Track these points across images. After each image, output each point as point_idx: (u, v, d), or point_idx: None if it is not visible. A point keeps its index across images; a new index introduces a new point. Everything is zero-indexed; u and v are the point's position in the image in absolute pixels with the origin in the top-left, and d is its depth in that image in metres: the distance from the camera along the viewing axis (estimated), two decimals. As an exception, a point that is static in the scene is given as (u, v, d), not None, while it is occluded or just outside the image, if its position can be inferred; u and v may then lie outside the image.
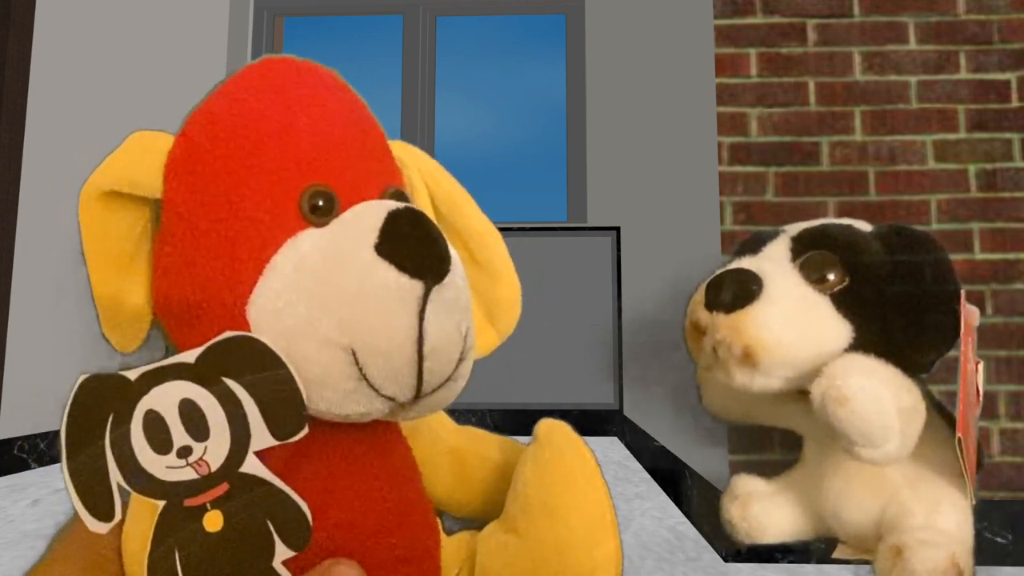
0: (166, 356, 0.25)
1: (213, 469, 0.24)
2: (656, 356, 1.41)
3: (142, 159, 0.29)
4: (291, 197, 0.28)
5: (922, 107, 1.39)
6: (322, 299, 0.25)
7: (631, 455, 1.23)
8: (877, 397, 0.58)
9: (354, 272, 0.26)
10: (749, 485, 0.79)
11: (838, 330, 0.68)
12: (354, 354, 0.25)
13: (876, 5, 1.42)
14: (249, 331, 0.26)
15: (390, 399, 0.26)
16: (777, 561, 0.72)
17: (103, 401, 0.23)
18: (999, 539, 0.70)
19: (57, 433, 0.23)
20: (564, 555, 0.29)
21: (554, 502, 0.29)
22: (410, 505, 0.31)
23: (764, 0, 1.44)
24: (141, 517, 0.24)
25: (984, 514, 0.76)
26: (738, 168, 1.40)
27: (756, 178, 1.40)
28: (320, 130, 0.30)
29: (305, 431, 0.25)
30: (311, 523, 0.24)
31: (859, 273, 0.69)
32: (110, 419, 0.23)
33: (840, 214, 1.26)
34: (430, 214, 0.34)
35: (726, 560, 0.70)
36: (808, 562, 0.71)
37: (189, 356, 0.24)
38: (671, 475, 1.13)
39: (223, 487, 0.24)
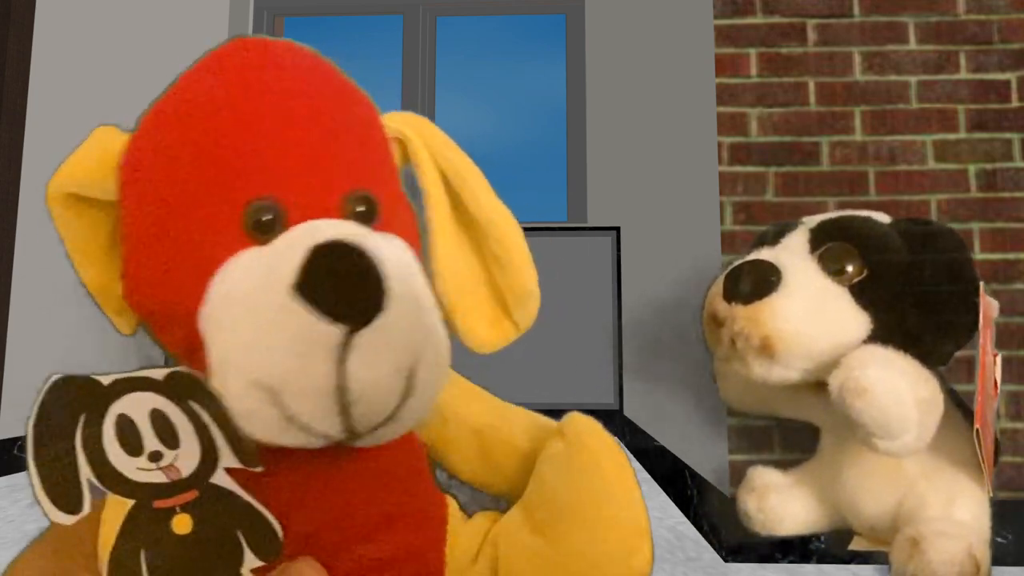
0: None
1: (184, 475, 0.24)
2: (656, 356, 1.41)
3: (96, 158, 0.27)
4: (234, 210, 0.26)
5: (922, 107, 1.39)
6: (242, 336, 0.24)
7: (631, 455, 1.23)
8: (895, 388, 0.58)
9: (271, 312, 0.24)
10: (766, 477, 0.79)
11: (856, 321, 0.67)
12: (277, 395, 0.24)
13: (876, 5, 1.42)
14: (203, 345, 0.25)
15: (323, 435, 0.25)
16: (777, 561, 0.72)
17: (75, 401, 0.23)
18: (999, 539, 0.70)
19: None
20: (600, 567, 0.27)
21: (588, 510, 0.28)
22: (402, 505, 0.29)
23: (764, 0, 1.43)
24: (117, 512, 0.24)
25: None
26: (738, 168, 1.40)
27: (756, 178, 1.40)
28: (275, 133, 0.27)
29: (259, 468, 0.24)
30: (281, 535, 0.24)
31: (878, 265, 0.69)
32: (81, 419, 0.23)
33: (840, 214, 1.25)
34: (438, 196, 0.32)
35: (726, 560, 0.70)
36: (808, 562, 0.71)
37: (158, 374, 0.24)
38: (671, 475, 1.13)
39: (192, 493, 0.24)
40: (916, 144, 1.38)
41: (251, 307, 0.24)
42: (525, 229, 0.35)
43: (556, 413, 0.33)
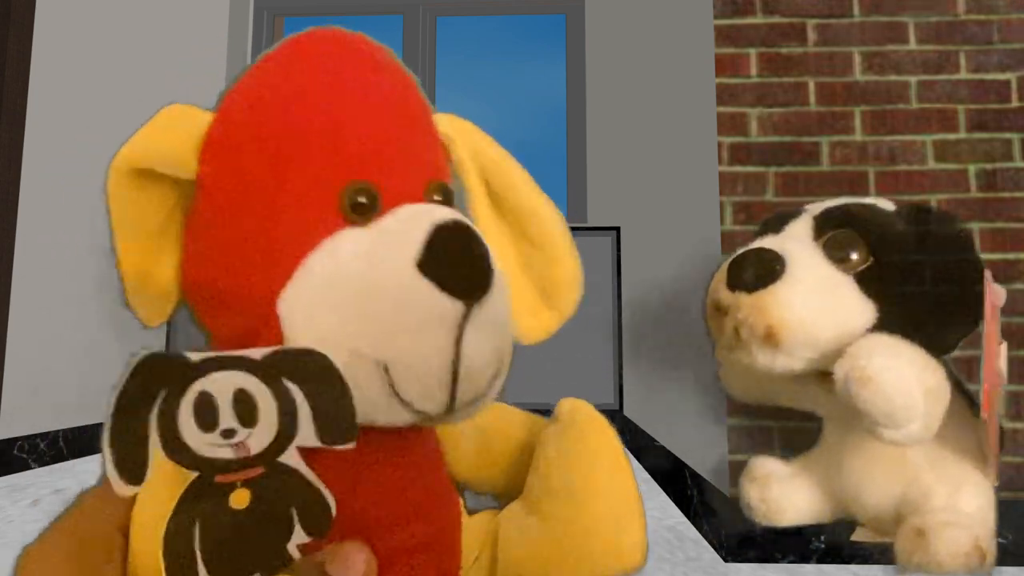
0: (197, 333, 0.25)
1: (252, 453, 0.24)
2: (656, 356, 1.42)
3: (176, 136, 0.27)
4: (333, 193, 0.27)
5: (922, 107, 1.39)
6: (358, 311, 0.25)
7: (631, 455, 1.23)
8: (901, 377, 0.57)
9: (394, 287, 0.25)
10: (768, 467, 0.78)
11: (861, 310, 0.66)
12: (386, 369, 0.25)
13: (876, 5, 1.42)
14: (279, 325, 0.25)
15: (420, 412, 0.26)
16: (777, 561, 0.72)
17: (160, 377, 0.24)
18: (999, 539, 0.70)
19: (58, 433, 0.23)
20: (589, 540, 0.28)
21: (579, 486, 0.29)
22: (431, 493, 0.30)
23: (764, 0, 1.43)
24: (157, 493, 0.24)
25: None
26: (738, 168, 1.40)
27: (756, 178, 1.40)
28: (368, 120, 0.28)
29: (352, 445, 0.24)
30: (334, 514, 0.25)
31: (883, 253, 0.68)
32: (162, 394, 0.23)
33: (840, 214, 1.25)
34: (479, 193, 0.33)
35: (726, 560, 0.70)
36: (808, 562, 0.71)
37: (256, 353, 0.24)
38: (671, 475, 1.13)
39: (257, 470, 0.24)
40: (916, 144, 1.38)
41: (367, 282, 0.25)
42: None
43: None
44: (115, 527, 0.26)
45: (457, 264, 0.25)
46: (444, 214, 0.26)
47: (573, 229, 0.35)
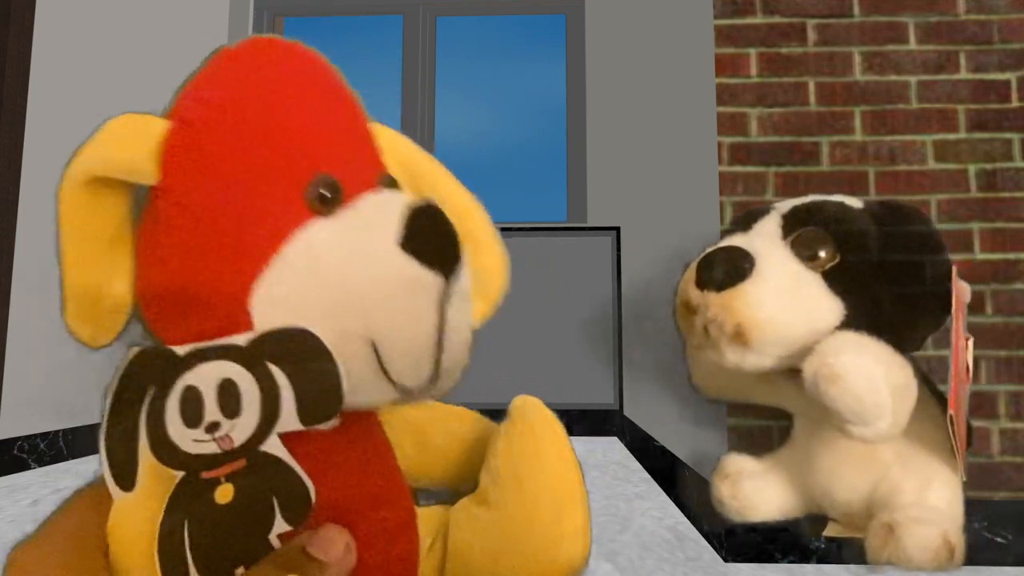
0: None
1: (236, 445, 0.24)
2: (657, 356, 1.41)
3: (134, 143, 0.27)
4: (298, 186, 0.28)
5: (922, 107, 1.39)
6: (343, 292, 0.26)
7: (631, 455, 1.23)
8: (869, 375, 0.58)
9: (379, 266, 0.26)
10: (739, 464, 0.79)
11: (830, 307, 0.67)
12: (375, 347, 0.25)
13: (876, 5, 1.42)
14: (250, 322, 0.26)
15: (403, 388, 0.27)
16: (777, 561, 0.72)
17: (148, 374, 0.24)
18: (999, 539, 0.70)
19: (58, 433, 0.24)
20: (532, 526, 0.29)
21: (523, 474, 0.30)
22: (391, 480, 0.31)
23: (764, 0, 1.43)
24: (137, 499, 0.24)
25: (984, 514, 0.75)
26: (738, 168, 1.40)
27: (756, 178, 1.40)
28: (320, 117, 0.29)
29: (335, 422, 0.25)
30: (313, 501, 0.25)
31: (850, 250, 0.68)
32: (151, 391, 0.24)
33: (840, 214, 1.25)
34: (405, 186, 0.35)
35: (726, 560, 0.70)
36: (808, 562, 0.71)
37: (240, 339, 0.25)
38: (671, 475, 1.13)
39: (240, 462, 0.24)
40: (916, 144, 1.38)
41: (350, 264, 0.26)
42: (525, 229, 0.36)
43: (557, 413, 0.34)
44: (104, 531, 0.25)
45: (435, 240, 0.27)
46: (413, 198, 0.28)
47: (573, 229, 0.36)
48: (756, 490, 0.76)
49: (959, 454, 0.62)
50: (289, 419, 0.25)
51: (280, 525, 0.25)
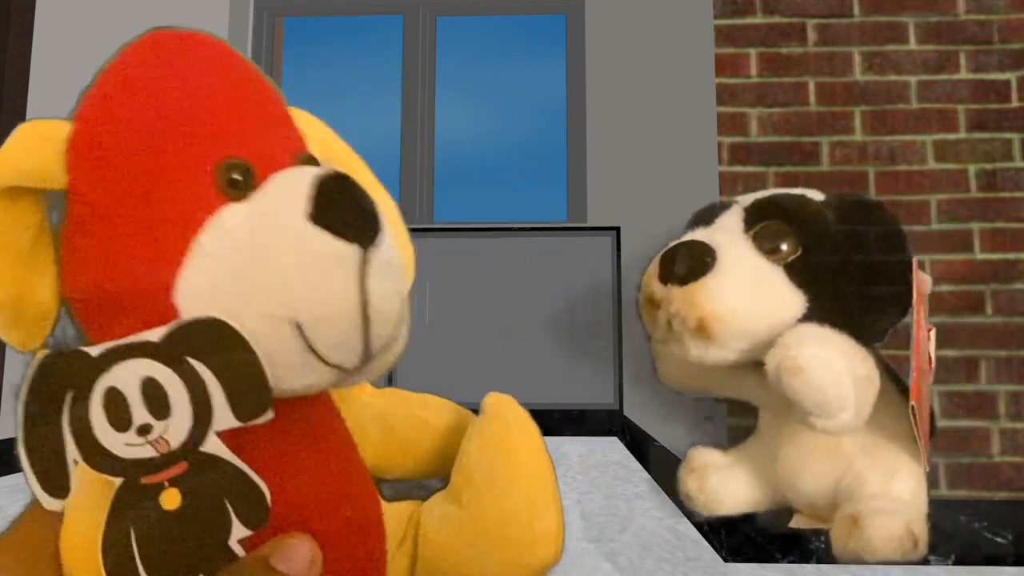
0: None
1: (173, 447, 0.23)
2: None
3: (39, 148, 0.27)
4: (206, 172, 0.27)
5: (922, 107, 1.39)
6: (259, 275, 0.25)
7: (631, 455, 1.23)
8: (831, 367, 0.58)
9: (290, 244, 0.25)
10: (705, 457, 0.79)
11: (792, 300, 0.67)
12: (299, 327, 0.25)
13: (876, 5, 1.42)
14: (177, 318, 0.25)
15: (337, 367, 0.26)
16: (777, 561, 0.72)
17: (63, 378, 0.23)
18: (999, 539, 0.70)
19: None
20: (505, 527, 0.29)
21: (496, 474, 0.30)
22: (354, 476, 0.31)
23: (764, 0, 1.44)
24: (83, 509, 0.24)
25: (984, 514, 0.76)
26: (738, 168, 1.40)
27: (756, 178, 1.40)
28: (224, 100, 0.29)
29: (270, 414, 0.24)
30: (269, 502, 0.24)
31: (812, 243, 0.69)
32: (69, 396, 0.23)
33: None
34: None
35: (726, 560, 0.70)
36: (808, 562, 0.71)
37: (153, 335, 0.24)
38: (671, 475, 1.13)
39: (182, 466, 0.23)
40: (916, 144, 1.38)
41: (262, 245, 0.25)
42: (525, 229, 0.36)
43: (556, 413, 0.34)
44: (57, 542, 0.25)
45: (347, 210, 0.26)
46: (322, 168, 0.27)
47: (573, 229, 0.36)
48: (722, 483, 0.76)
49: (922, 444, 0.63)
50: (224, 416, 0.24)
51: (240, 530, 0.24)
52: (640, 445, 1.31)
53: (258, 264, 0.25)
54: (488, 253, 1.46)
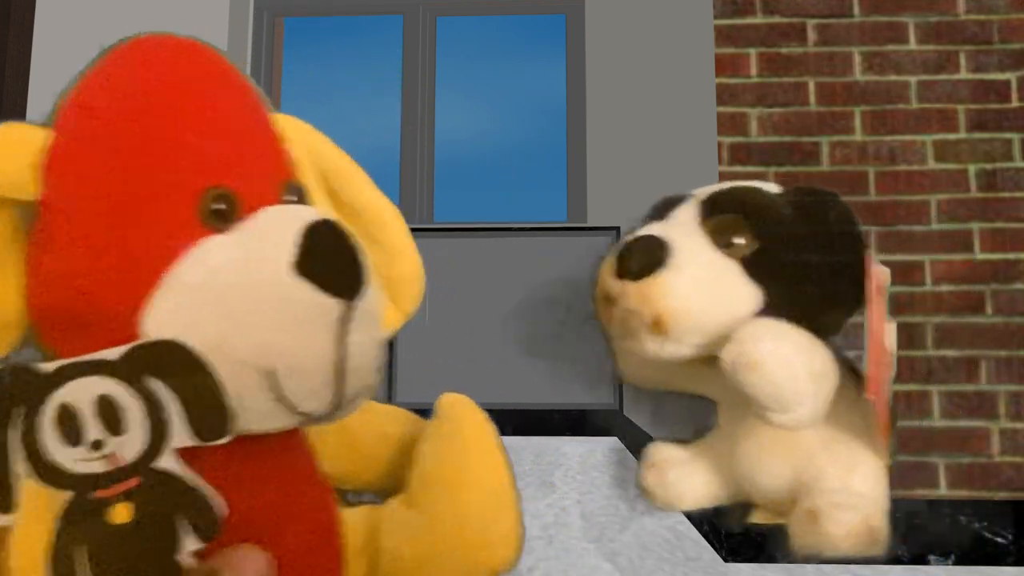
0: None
1: (126, 463, 0.23)
2: (656, 356, 1.42)
3: (11, 156, 0.26)
4: (190, 200, 0.26)
5: (922, 107, 1.39)
6: (237, 319, 0.24)
7: (631, 455, 1.23)
8: (788, 362, 0.58)
9: (272, 292, 0.24)
10: (664, 452, 0.79)
11: (748, 295, 0.67)
12: (272, 376, 0.24)
13: (876, 5, 1.42)
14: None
15: (304, 415, 0.26)
16: (777, 561, 0.72)
17: (13, 393, 0.23)
18: (999, 539, 0.70)
19: None
20: (462, 530, 0.29)
21: (452, 477, 0.30)
22: (310, 487, 0.30)
23: (764, 0, 1.44)
24: (30, 524, 0.23)
25: (984, 514, 0.76)
26: (738, 168, 1.40)
27: (756, 178, 1.40)
28: (213, 124, 0.28)
29: (229, 438, 0.24)
30: (222, 514, 0.24)
31: (768, 237, 0.69)
32: (20, 411, 0.23)
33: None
34: (317, 192, 0.33)
35: (726, 560, 0.70)
36: (808, 562, 0.71)
37: (112, 354, 0.23)
38: (671, 475, 1.12)
39: (134, 480, 0.23)
40: (916, 144, 1.38)
41: (243, 289, 0.24)
42: (525, 229, 0.35)
43: (556, 413, 0.33)
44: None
45: (333, 263, 0.25)
46: (312, 214, 0.26)
47: (573, 229, 0.35)
48: (681, 478, 0.77)
49: (881, 437, 0.63)
50: (181, 435, 0.24)
51: (191, 542, 0.24)
52: (640, 445, 1.31)
53: (238, 308, 0.24)
54: (488, 253, 1.46)
